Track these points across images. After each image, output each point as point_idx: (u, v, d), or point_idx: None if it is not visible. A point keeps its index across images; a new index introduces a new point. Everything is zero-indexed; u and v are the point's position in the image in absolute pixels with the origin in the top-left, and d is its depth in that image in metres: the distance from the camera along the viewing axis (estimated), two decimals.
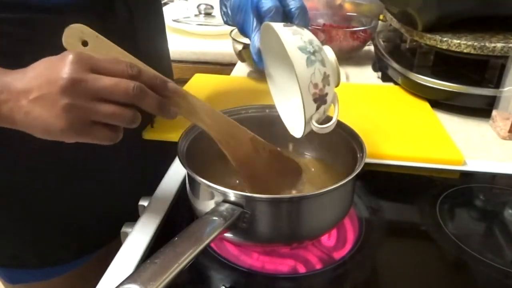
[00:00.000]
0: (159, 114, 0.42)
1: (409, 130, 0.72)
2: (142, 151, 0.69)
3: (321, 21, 1.15)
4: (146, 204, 0.56)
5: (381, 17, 1.11)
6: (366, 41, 1.08)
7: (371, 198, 0.57)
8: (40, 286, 0.68)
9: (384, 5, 0.99)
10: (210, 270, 0.47)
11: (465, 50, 0.75)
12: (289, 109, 0.52)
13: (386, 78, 0.94)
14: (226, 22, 0.61)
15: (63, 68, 0.38)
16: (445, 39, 0.76)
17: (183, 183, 0.58)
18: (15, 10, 0.51)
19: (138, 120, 0.41)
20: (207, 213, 0.41)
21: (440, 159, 0.65)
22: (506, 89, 0.73)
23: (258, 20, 0.51)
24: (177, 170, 0.63)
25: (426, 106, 0.81)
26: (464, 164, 0.65)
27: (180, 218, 0.54)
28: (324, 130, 0.46)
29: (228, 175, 0.54)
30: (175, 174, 0.62)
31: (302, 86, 0.42)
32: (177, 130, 0.53)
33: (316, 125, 0.45)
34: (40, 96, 0.38)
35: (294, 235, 0.45)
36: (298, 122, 0.48)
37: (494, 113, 0.75)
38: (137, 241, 0.50)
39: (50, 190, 0.62)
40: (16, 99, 0.39)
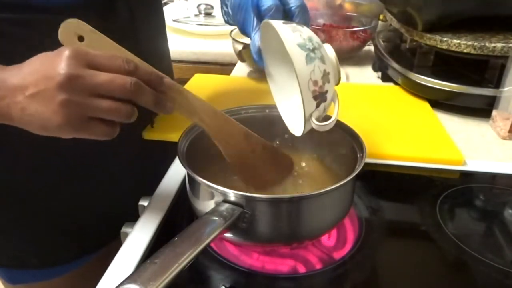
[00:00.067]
0: (155, 110, 0.42)
1: (409, 130, 0.72)
2: (142, 151, 0.69)
3: (321, 21, 1.15)
4: (146, 204, 0.56)
5: (381, 17, 1.12)
6: (366, 41, 1.08)
7: (371, 198, 0.57)
8: (40, 286, 0.68)
9: (384, 5, 0.99)
10: (210, 270, 0.47)
11: (465, 50, 0.75)
12: (289, 107, 0.52)
13: (386, 78, 0.94)
14: (227, 22, 0.61)
15: (60, 63, 0.38)
16: (445, 39, 0.76)
17: (183, 183, 0.59)
18: (16, 10, 0.51)
19: (135, 115, 0.41)
20: (207, 213, 0.41)
21: (440, 159, 0.65)
22: (506, 89, 0.73)
23: (259, 19, 0.51)
24: (177, 170, 0.63)
25: (426, 106, 0.81)
26: (464, 164, 0.65)
27: (180, 218, 0.54)
28: (324, 128, 0.45)
29: (228, 175, 0.54)
30: (175, 174, 0.62)
31: (302, 83, 0.42)
32: (177, 130, 0.53)
33: (316, 122, 0.45)
34: (37, 92, 0.38)
35: (294, 235, 0.45)
36: (298, 120, 0.48)
37: (494, 113, 0.75)
38: (137, 241, 0.50)
39: (50, 190, 0.62)
40: (12, 95, 0.39)
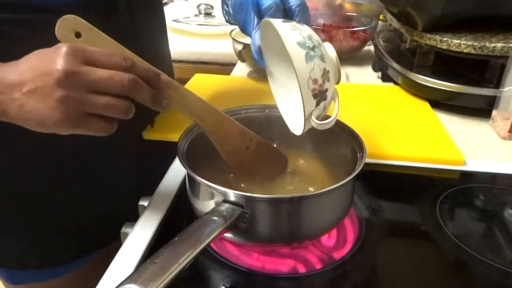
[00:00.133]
0: (152, 106, 0.42)
1: (409, 130, 0.72)
2: (142, 151, 0.69)
3: (321, 21, 1.15)
4: (146, 204, 0.56)
5: (381, 17, 1.12)
6: (366, 41, 1.08)
7: (371, 198, 0.57)
8: (40, 286, 0.68)
9: (384, 5, 0.99)
10: (210, 270, 0.47)
11: (465, 50, 0.75)
12: (289, 106, 0.52)
13: (386, 78, 0.94)
14: (227, 21, 0.61)
15: (57, 60, 0.37)
16: (445, 39, 0.76)
17: (183, 183, 0.59)
18: (16, 10, 0.51)
19: (132, 111, 0.41)
20: (207, 213, 0.41)
21: (440, 159, 0.65)
22: (506, 89, 0.73)
23: (259, 18, 0.51)
24: (177, 170, 0.63)
25: (426, 106, 0.81)
26: (464, 164, 0.65)
27: (180, 218, 0.54)
28: (324, 127, 0.45)
29: (228, 175, 0.54)
30: (175, 174, 0.62)
31: (301, 81, 0.42)
32: (177, 130, 0.53)
33: (316, 121, 0.44)
34: (34, 88, 0.38)
35: (294, 235, 0.45)
36: (298, 119, 0.48)
37: (494, 113, 0.75)
38: (137, 241, 0.50)
39: (50, 190, 0.62)
40: (9, 92, 0.39)
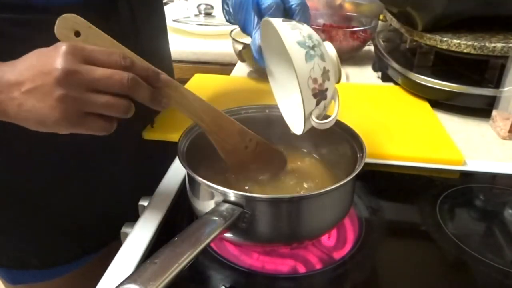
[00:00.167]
0: (151, 105, 0.42)
1: (409, 130, 0.72)
2: (142, 151, 0.69)
3: (321, 21, 1.15)
4: (146, 204, 0.56)
5: (381, 17, 1.11)
6: (366, 41, 1.08)
7: (371, 198, 0.57)
8: (40, 286, 0.68)
9: (384, 5, 0.99)
10: (210, 270, 0.47)
11: (465, 50, 0.75)
12: (290, 106, 0.52)
13: (386, 78, 0.94)
14: (228, 21, 0.61)
15: (57, 59, 0.37)
16: (445, 39, 0.76)
17: (183, 183, 0.58)
18: (16, 10, 0.51)
19: (131, 110, 0.41)
20: (207, 213, 0.41)
21: (440, 159, 0.65)
22: (506, 89, 0.73)
23: (259, 17, 0.51)
24: (177, 170, 0.63)
25: (426, 106, 0.81)
26: (464, 164, 0.65)
27: (180, 218, 0.54)
28: (324, 126, 0.45)
29: (228, 175, 0.54)
30: (175, 174, 0.62)
31: (301, 81, 0.42)
32: (177, 130, 0.53)
33: (316, 120, 0.44)
34: (33, 87, 0.38)
35: (294, 235, 0.45)
36: (299, 118, 0.48)
37: (494, 113, 0.75)
38: (137, 241, 0.50)
39: (50, 190, 0.62)
40: (8, 91, 0.39)
